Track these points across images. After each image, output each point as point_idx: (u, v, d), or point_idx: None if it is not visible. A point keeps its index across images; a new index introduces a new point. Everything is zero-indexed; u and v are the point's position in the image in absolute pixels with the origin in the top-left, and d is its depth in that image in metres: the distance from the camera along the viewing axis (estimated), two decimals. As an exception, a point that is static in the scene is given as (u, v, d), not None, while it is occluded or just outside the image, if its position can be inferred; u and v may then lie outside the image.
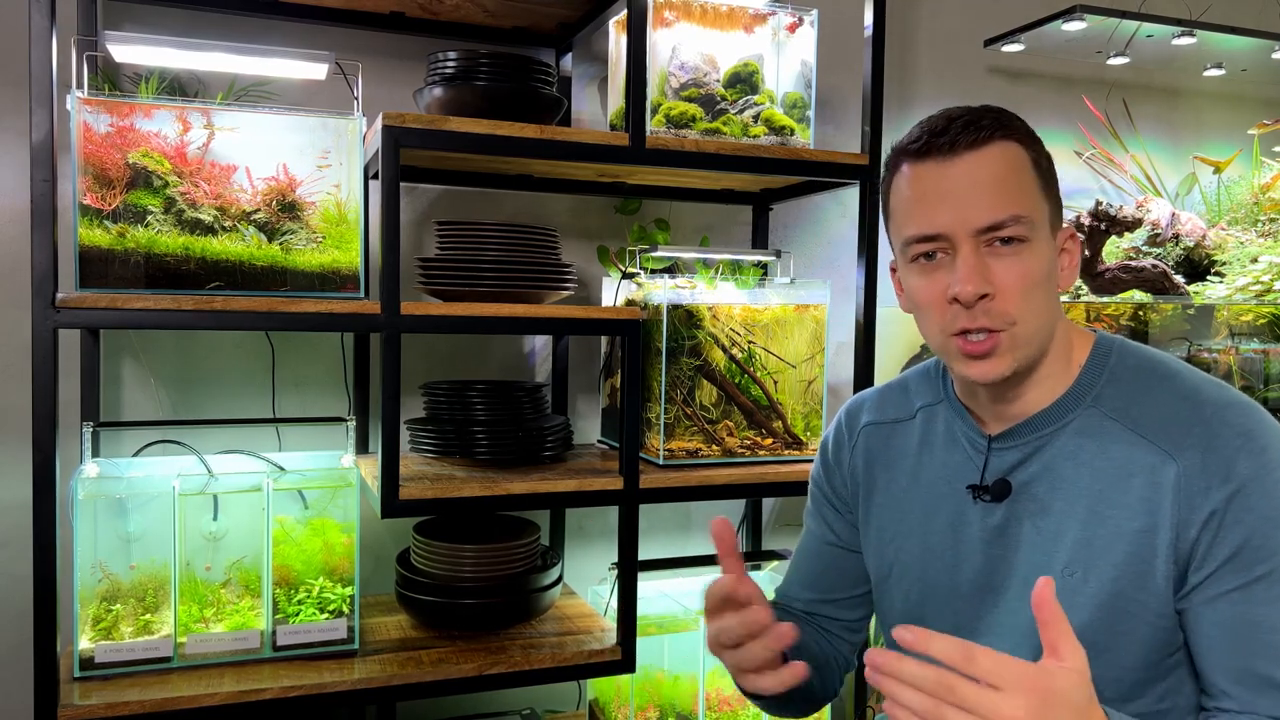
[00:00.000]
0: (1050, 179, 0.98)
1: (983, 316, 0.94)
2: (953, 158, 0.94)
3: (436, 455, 1.76)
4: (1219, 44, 2.29)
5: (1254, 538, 0.88)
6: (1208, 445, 0.91)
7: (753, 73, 1.87)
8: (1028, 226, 0.93)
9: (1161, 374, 0.98)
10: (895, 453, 1.14)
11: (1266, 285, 2.06)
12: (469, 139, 1.55)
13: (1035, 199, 0.95)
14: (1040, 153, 0.97)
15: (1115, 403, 0.98)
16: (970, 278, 0.92)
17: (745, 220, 2.23)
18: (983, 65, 2.47)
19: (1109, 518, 0.94)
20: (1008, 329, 0.94)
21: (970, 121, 0.94)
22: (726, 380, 1.85)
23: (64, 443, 1.53)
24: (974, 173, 0.93)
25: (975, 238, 0.93)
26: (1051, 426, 1.00)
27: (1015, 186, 0.94)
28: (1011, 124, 0.96)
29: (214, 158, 1.52)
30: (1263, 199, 2.34)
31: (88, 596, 1.51)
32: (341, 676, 1.53)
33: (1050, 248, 0.96)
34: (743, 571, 0.96)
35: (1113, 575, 0.93)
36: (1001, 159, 0.94)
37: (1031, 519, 0.99)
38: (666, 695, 1.88)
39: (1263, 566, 0.88)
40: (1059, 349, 1.00)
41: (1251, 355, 2.09)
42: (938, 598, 1.07)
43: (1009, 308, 0.94)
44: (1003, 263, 0.93)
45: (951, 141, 0.94)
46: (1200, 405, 0.94)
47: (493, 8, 1.86)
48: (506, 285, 1.66)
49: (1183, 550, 0.91)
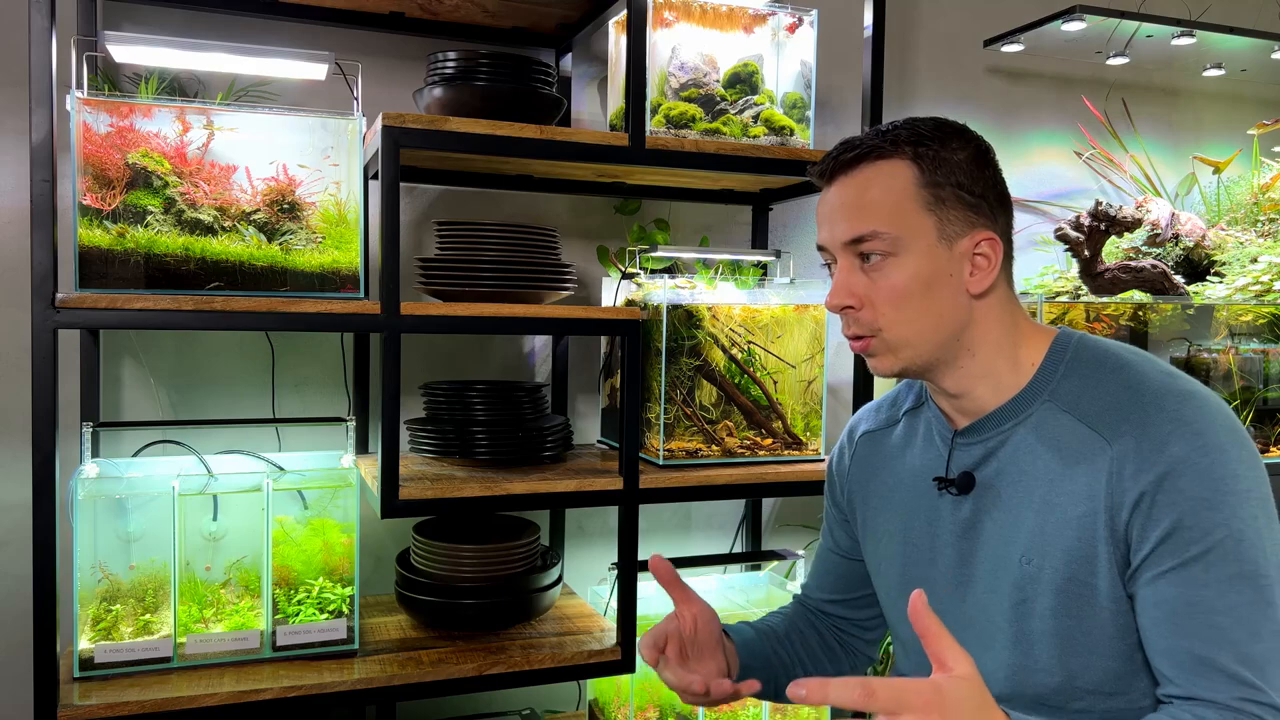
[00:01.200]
0: (947, 192, 1.00)
1: (852, 325, 1.04)
2: (831, 181, 1.05)
3: (436, 455, 1.76)
4: (1218, 44, 2.29)
5: (1185, 518, 0.89)
6: (1142, 430, 0.93)
7: (752, 73, 1.87)
8: (889, 242, 0.99)
9: (1112, 365, 1.00)
10: (883, 457, 1.19)
11: (1266, 285, 2.06)
12: (469, 139, 1.55)
13: (907, 215, 0.99)
14: (938, 168, 1.00)
15: (1068, 395, 1.00)
16: (835, 291, 1.03)
17: (745, 220, 2.23)
18: (982, 65, 2.47)
19: (1057, 505, 0.97)
20: (876, 335, 1.02)
21: (850, 147, 1.03)
22: (726, 380, 1.85)
23: (64, 443, 1.53)
24: (842, 193, 1.03)
25: (845, 252, 1.02)
26: (1010, 422, 1.03)
27: (880, 204, 1.00)
28: (894, 144, 1.01)
29: (214, 158, 1.52)
30: (1262, 199, 2.34)
31: (87, 597, 1.51)
32: (341, 677, 1.53)
33: (933, 258, 0.99)
34: (687, 598, 1.08)
35: (1064, 560, 0.96)
36: (867, 180, 1.01)
37: (993, 512, 1.03)
38: (666, 695, 1.88)
39: (1196, 547, 0.89)
40: (996, 345, 1.03)
41: (1251, 355, 2.09)
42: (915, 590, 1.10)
43: (873, 318, 1.02)
44: (869, 277, 1.01)
45: (829, 166, 1.04)
46: (1141, 393, 0.96)
47: (493, 8, 1.86)
48: (506, 285, 1.66)
49: (1118, 533, 0.93)
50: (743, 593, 2.06)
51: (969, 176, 1.01)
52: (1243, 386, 2.08)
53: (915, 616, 0.79)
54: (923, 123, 1.03)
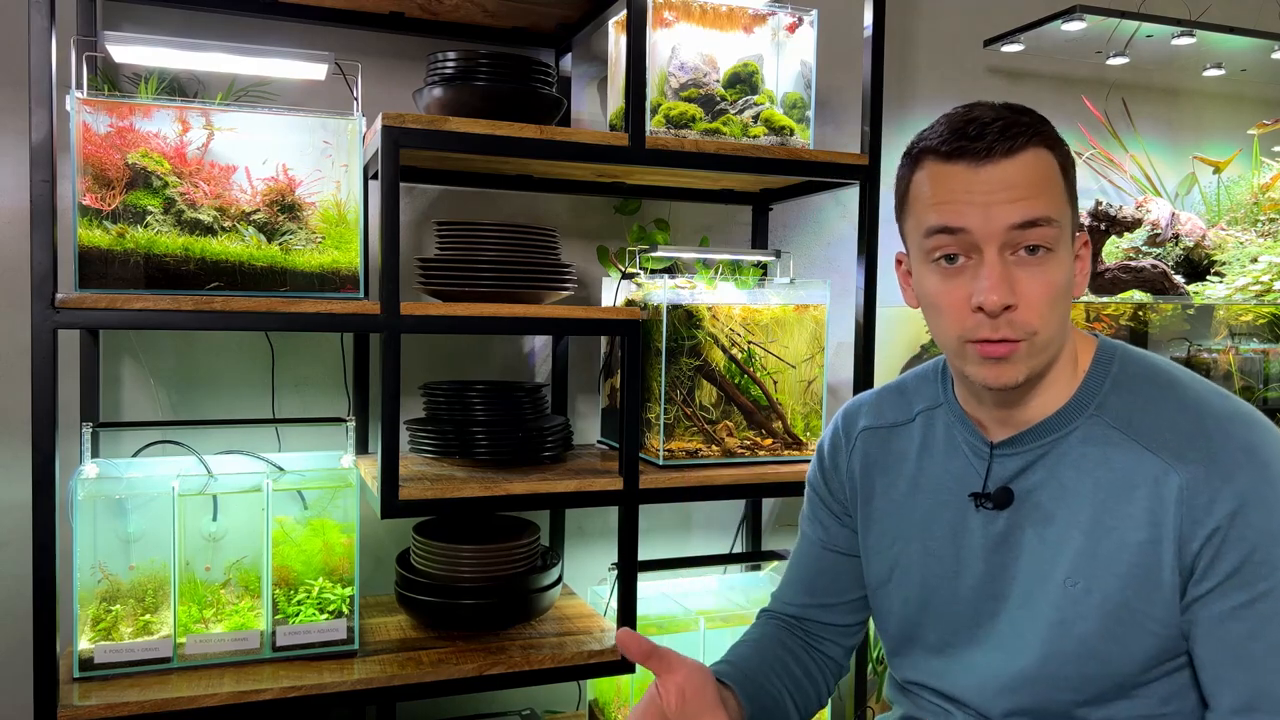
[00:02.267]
0: (1073, 184, 0.97)
1: (1005, 327, 0.92)
2: (985, 163, 0.92)
3: (436, 455, 1.76)
4: (1218, 44, 2.29)
5: (1256, 553, 0.88)
6: (1211, 458, 0.90)
7: (752, 73, 1.87)
8: (1055, 232, 0.92)
9: (1164, 383, 0.97)
10: (894, 457, 1.13)
11: (1266, 285, 2.06)
12: (469, 139, 1.55)
13: (1063, 205, 0.94)
14: (1067, 157, 0.96)
15: (1118, 411, 0.97)
16: (997, 287, 0.91)
17: (745, 220, 2.23)
18: (982, 65, 2.47)
19: (1113, 529, 0.94)
20: (1028, 339, 0.93)
21: (1005, 127, 0.92)
22: (726, 380, 1.85)
23: (64, 443, 1.53)
24: (1007, 178, 0.91)
25: (1002, 242, 0.92)
26: (1055, 434, 0.99)
27: (1045, 192, 0.92)
28: (1043, 129, 0.94)
29: (213, 158, 1.51)
30: (1262, 199, 2.34)
31: (87, 597, 1.51)
32: (341, 677, 1.53)
33: (1071, 255, 0.96)
34: (669, 667, 0.97)
35: (1118, 586, 0.93)
36: (1034, 166, 0.92)
37: (1034, 527, 0.99)
38: (666, 695, 1.87)
39: (1265, 583, 0.88)
40: (1066, 355, 1.00)
41: (1251, 355, 2.09)
42: (937, 604, 1.07)
43: (1032, 319, 0.92)
44: (1028, 272, 0.92)
45: (987, 148, 0.92)
46: (1203, 417, 0.93)
47: (492, 8, 1.86)
48: (506, 285, 1.66)
49: (1185, 563, 0.91)
50: (743, 593, 2.06)
51: (1075, 171, 0.98)
52: (1243, 386, 2.08)
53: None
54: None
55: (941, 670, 1.07)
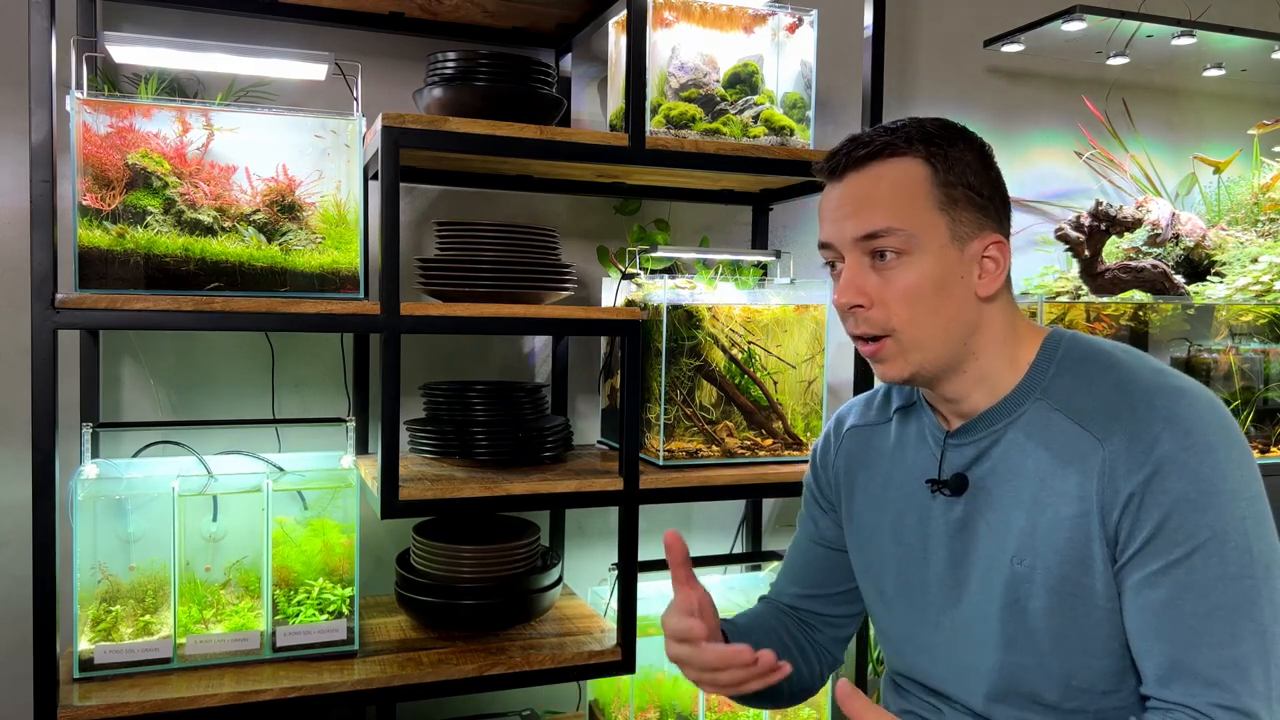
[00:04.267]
0: (959, 192, 0.99)
1: (862, 324, 1.01)
2: (842, 177, 1.02)
3: (436, 456, 1.76)
4: (1219, 44, 2.29)
5: (1171, 519, 0.89)
6: (1133, 429, 0.93)
7: (752, 73, 1.87)
8: (904, 239, 0.97)
9: (1104, 364, 1.00)
10: (874, 454, 1.18)
11: (1266, 285, 2.06)
12: (469, 139, 1.55)
13: (921, 213, 0.98)
14: (947, 169, 0.99)
15: (1061, 394, 1.00)
16: (844, 289, 1.01)
17: (745, 220, 2.23)
18: (982, 65, 2.47)
19: (1049, 505, 0.97)
20: (891, 335, 1.00)
21: (862, 143, 1.01)
22: (726, 381, 1.85)
23: (64, 443, 1.53)
24: (854, 189, 1.01)
25: (855, 249, 1.00)
26: (1002, 421, 1.02)
27: (893, 201, 0.98)
28: (907, 142, 0.99)
29: (213, 158, 1.51)
30: (1262, 199, 2.33)
31: (87, 597, 1.51)
32: (341, 677, 1.53)
33: (945, 258, 0.98)
34: (692, 579, 1.09)
35: (1058, 561, 0.95)
36: (882, 176, 0.99)
37: (986, 512, 1.02)
38: (666, 696, 1.87)
39: (1181, 549, 0.89)
40: (996, 348, 1.02)
41: (1251, 355, 2.09)
42: (910, 592, 1.10)
43: (886, 317, 0.99)
44: (881, 275, 0.99)
45: (840, 162, 1.02)
46: (1131, 391, 0.95)
47: (492, 8, 1.86)
48: (506, 286, 1.66)
49: (1109, 533, 0.93)
50: (743, 593, 2.06)
51: (978, 178, 1.00)
52: (1243, 386, 2.08)
53: (844, 701, 0.81)
54: (929, 122, 1.02)
55: (920, 660, 1.10)
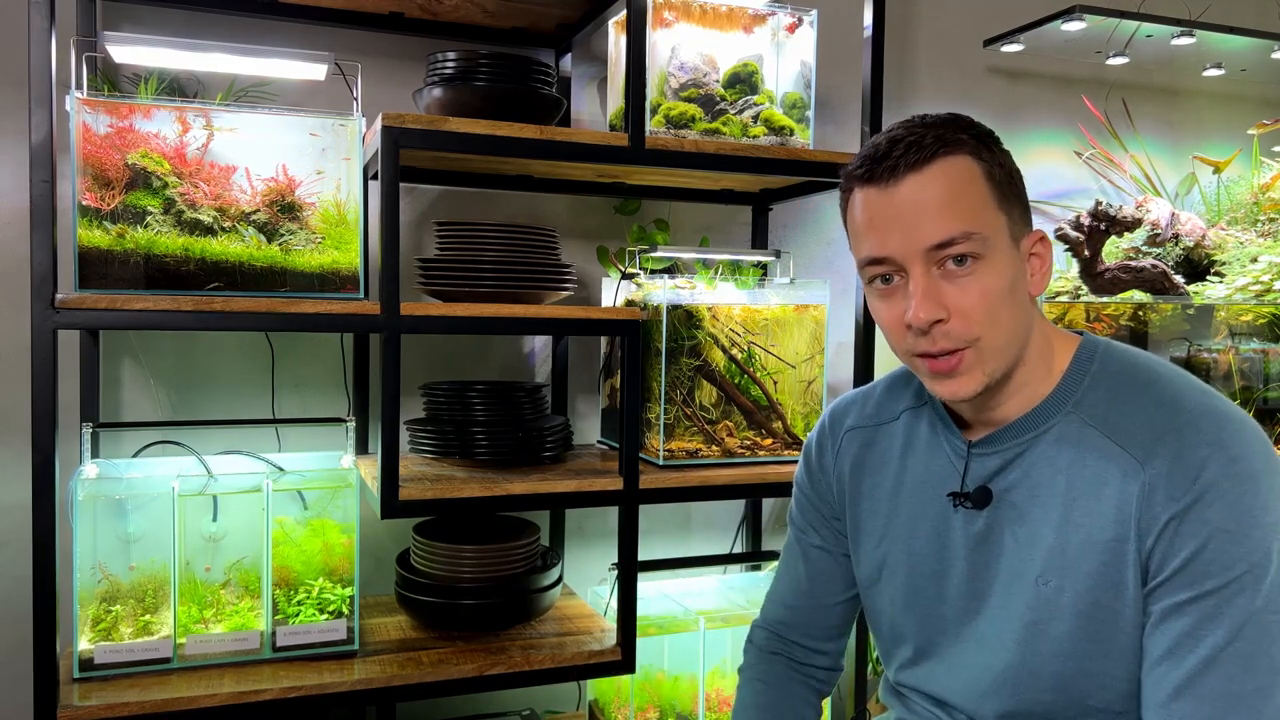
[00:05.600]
0: (1008, 187, 0.95)
1: (942, 339, 0.93)
2: (896, 182, 0.93)
3: (436, 456, 1.76)
4: (1218, 44, 2.29)
5: (1208, 549, 0.86)
6: (1177, 454, 0.89)
7: (752, 73, 1.87)
8: (980, 242, 0.92)
9: (1144, 380, 0.96)
10: (879, 457, 1.13)
11: (1266, 285, 2.06)
12: (469, 139, 1.55)
13: (988, 212, 0.93)
14: (994, 162, 0.95)
15: (1095, 409, 0.96)
16: (923, 304, 0.92)
17: (745, 220, 2.23)
18: (982, 65, 2.47)
19: (1081, 526, 0.93)
20: (971, 345, 0.94)
21: (913, 143, 0.93)
22: (726, 380, 1.85)
23: (64, 443, 1.53)
24: (918, 194, 0.92)
25: (926, 260, 0.93)
26: (1031, 433, 0.98)
27: (963, 203, 0.92)
28: (957, 137, 0.93)
29: (213, 158, 1.51)
30: (1262, 199, 2.33)
31: (87, 597, 1.51)
32: (341, 677, 1.53)
33: (1012, 258, 0.94)
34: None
35: (1089, 585, 0.92)
36: (946, 177, 0.92)
37: (1011, 526, 0.98)
38: (666, 696, 1.87)
39: (1213, 581, 0.85)
40: (1037, 355, 0.99)
41: (1251, 355, 2.09)
42: (922, 603, 1.07)
43: (967, 328, 0.93)
44: (957, 284, 0.92)
45: (893, 166, 0.93)
46: (1176, 413, 0.91)
47: (492, 8, 1.86)
48: (506, 286, 1.66)
49: (1144, 559, 0.89)
50: (743, 593, 2.06)
51: (1013, 173, 0.97)
52: (1243, 386, 2.08)
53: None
54: (959, 117, 0.96)
55: (930, 672, 1.07)
